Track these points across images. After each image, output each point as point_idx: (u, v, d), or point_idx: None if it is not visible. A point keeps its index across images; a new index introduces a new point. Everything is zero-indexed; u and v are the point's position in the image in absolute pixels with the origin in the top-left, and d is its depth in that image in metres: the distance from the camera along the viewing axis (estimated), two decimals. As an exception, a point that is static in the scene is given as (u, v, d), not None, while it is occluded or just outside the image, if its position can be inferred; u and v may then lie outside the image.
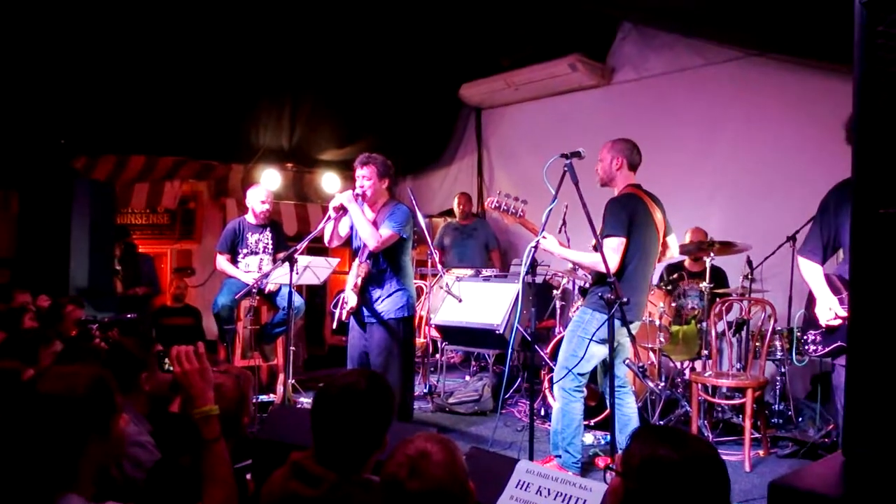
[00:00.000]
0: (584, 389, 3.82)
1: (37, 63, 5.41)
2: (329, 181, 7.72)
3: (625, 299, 2.90)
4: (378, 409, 1.84)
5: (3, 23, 5.04)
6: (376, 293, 4.21)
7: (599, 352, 3.64)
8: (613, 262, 3.52)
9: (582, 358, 3.52)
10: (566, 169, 3.10)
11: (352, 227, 4.25)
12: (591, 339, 3.45)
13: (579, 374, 3.71)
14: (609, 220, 3.60)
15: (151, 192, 7.47)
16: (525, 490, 2.28)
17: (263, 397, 5.40)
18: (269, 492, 1.85)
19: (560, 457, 3.71)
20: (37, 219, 6.05)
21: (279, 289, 5.30)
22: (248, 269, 5.38)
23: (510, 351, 3.52)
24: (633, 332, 3.85)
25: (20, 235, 6.27)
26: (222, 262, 5.41)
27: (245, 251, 5.42)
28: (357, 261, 4.31)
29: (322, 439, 1.82)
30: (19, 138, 5.93)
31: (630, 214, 3.60)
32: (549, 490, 2.24)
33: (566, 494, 2.20)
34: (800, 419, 4.91)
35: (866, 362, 1.59)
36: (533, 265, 3.28)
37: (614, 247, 3.54)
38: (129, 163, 6.94)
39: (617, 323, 3.60)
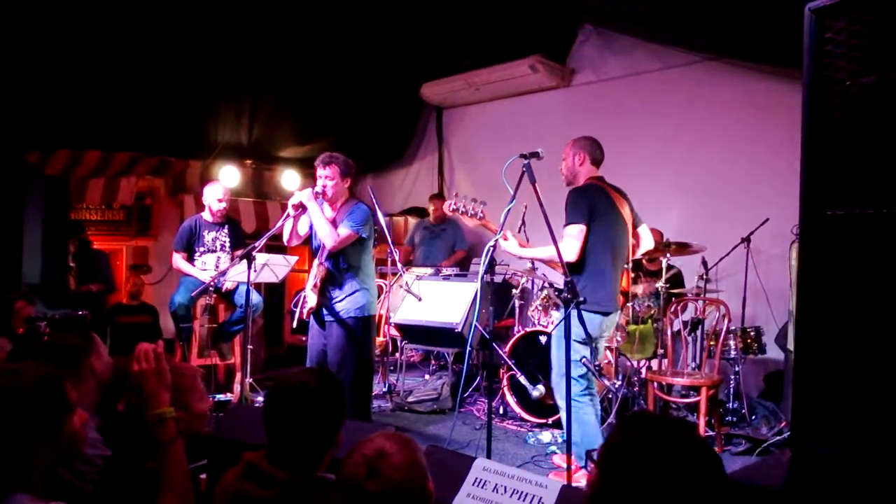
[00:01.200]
0: (594, 391, 3.77)
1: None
2: (289, 178, 7.64)
3: (581, 298, 2.92)
4: (329, 407, 1.84)
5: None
6: (336, 293, 4.18)
7: (583, 351, 3.61)
8: (574, 250, 3.53)
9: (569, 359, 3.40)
10: (524, 169, 3.11)
11: (311, 227, 4.22)
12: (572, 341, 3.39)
13: (580, 378, 3.66)
14: (569, 209, 3.61)
15: (107, 188, 7.29)
16: (482, 487, 2.29)
17: (220, 396, 5.34)
18: (221, 491, 1.83)
19: (585, 466, 3.67)
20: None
21: (237, 287, 5.23)
22: (205, 267, 5.30)
23: (468, 350, 3.51)
24: (612, 326, 3.86)
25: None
26: (178, 260, 5.33)
27: (202, 249, 5.35)
28: (317, 260, 4.27)
29: (274, 439, 1.80)
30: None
31: (590, 203, 3.61)
32: (505, 487, 2.25)
33: (522, 492, 2.22)
34: (753, 417, 5.04)
35: (813, 359, 1.63)
36: (491, 264, 3.29)
37: (574, 234, 3.55)
38: (84, 158, 6.77)
39: (600, 319, 3.63)
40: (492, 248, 3.31)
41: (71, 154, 6.64)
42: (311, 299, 4.17)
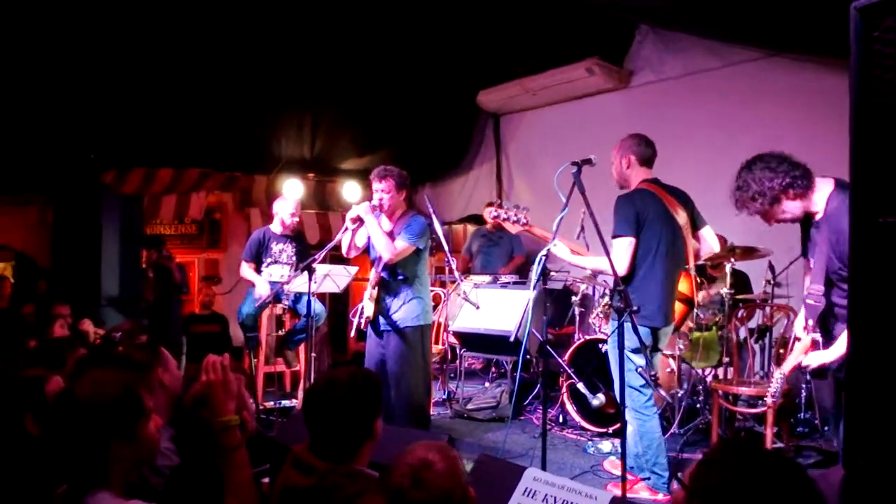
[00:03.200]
0: (656, 404, 3.69)
1: (66, 79, 5.58)
2: (350, 190, 7.80)
3: (635, 307, 2.87)
4: (362, 400, 1.93)
5: (33, 40, 5.20)
6: (392, 302, 4.25)
7: (639, 361, 3.52)
8: (623, 264, 3.45)
9: (623, 370, 3.24)
10: (573, 177, 3.08)
11: (369, 238, 4.29)
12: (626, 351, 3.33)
13: (643, 389, 3.59)
14: (616, 219, 3.53)
15: (179, 204, 7.63)
16: (531, 497, 2.28)
17: (286, 402, 5.49)
18: (277, 483, 1.97)
19: (649, 479, 3.62)
20: (69, 231, 6.24)
21: (300, 297, 5.36)
22: (272, 277, 5.46)
23: (521, 358, 3.50)
24: (665, 337, 3.78)
25: (54, 247, 6.47)
26: (246, 269, 5.50)
27: (269, 260, 5.50)
28: (374, 270, 4.34)
29: (313, 431, 1.92)
30: (52, 153, 6.11)
31: (638, 212, 3.50)
32: (555, 498, 2.24)
33: (572, 502, 2.21)
34: (826, 428, 4.82)
35: (866, 373, 1.57)
36: (544, 273, 3.27)
37: (623, 248, 3.47)
38: (157, 175, 7.09)
39: (649, 331, 3.53)
40: (544, 257, 3.29)
41: (145, 172, 6.97)
42: (368, 309, 4.25)
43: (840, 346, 2.70)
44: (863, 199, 1.58)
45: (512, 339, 3.28)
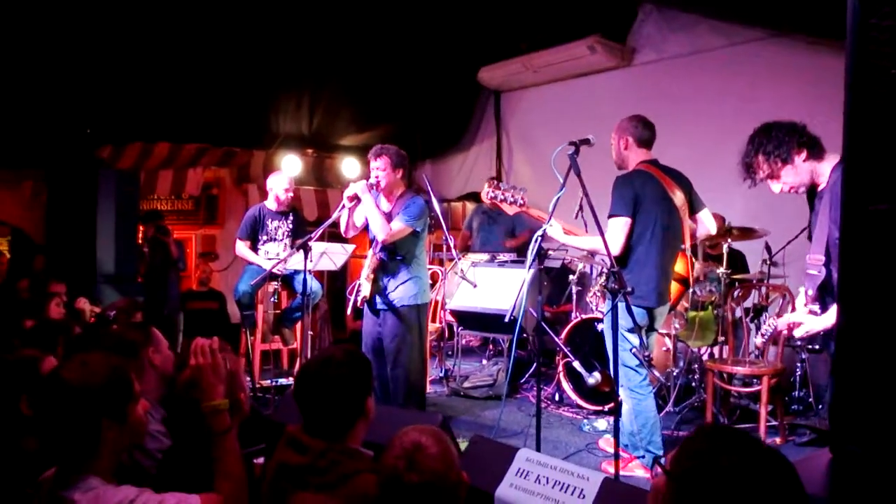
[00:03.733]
0: (651, 383, 3.72)
1: (63, 54, 5.52)
2: (349, 166, 7.76)
3: (628, 289, 2.88)
4: (353, 378, 1.94)
5: (28, 14, 5.14)
6: (389, 281, 4.25)
7: (634, 341, 3.54)
8: (618, 244, 3.47)
9: (616, 351, 3.29)
10: (569, 158, 3.06)
11: (367, 218, 4.28)
12: (620, 332, 3.34)
13: (639, 368, 3.61)
14: (613, 199, 3.54)
15: (176, 179, 7.61)
16: (524, 478, 2.31)
17: (283, 380, 5.52)
18: (271, 462, 1.98)
19: (643, 457, 3.65)
20: (64, 207, 6.22)
21: (296, 274, 5.36)
22: (269, 255, 5.45)
23: (515, 337, 3.51)
24: (661, 317, 3.80)
25: (48, 223, 6.45)
26: (241, 247, 5.48)
27: (265, 237, 5.49)
28: (372, 250, 4.34)
29: (306, 410, 1.93)
30: (47, 128, 6.07)
31: (636, 193, 3.52)
32: (547, 478, 2.27)
33: (565, 483, 2.23)
34: (820, 406, 4.86)
35: (854, 358, 1.57)
36: (540, 254, 3.27)
37: (619, 228, 3.49)
38: (154, 150, 7.06)
39: (644, 311, 3.56)
40: (540, 238, 3.28)
41: (142, 147, 6.93)
42: (365, 288, 4.26)
43: (832, 316, 2.72)
44: (855, 186, 1.57)
45: (507, 319, 3.27)
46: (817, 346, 4.68)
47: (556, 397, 5.18)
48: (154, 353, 2.42)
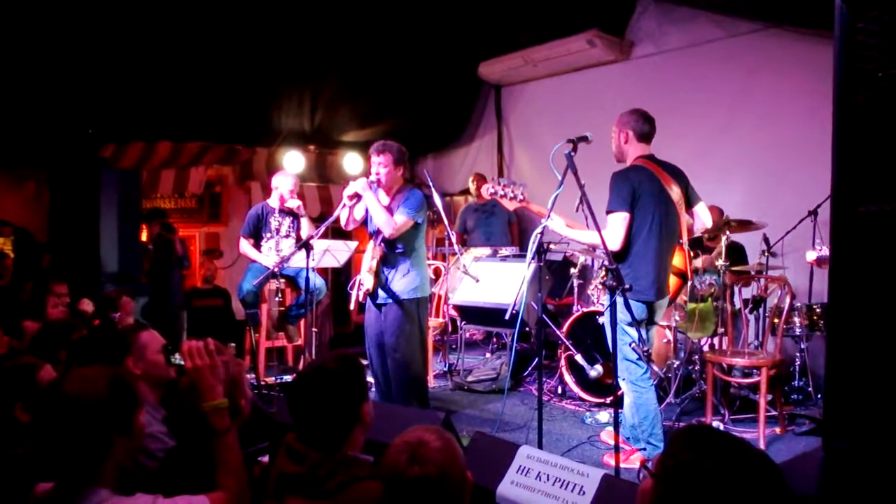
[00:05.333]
0: (652, 376, 3.75)
1: (64, 53, 5.55)
2: (351, 162, 7.79)
3: (626, 286, 2.91)
4: (346, 385, 1.90)
5: (31, 12, 5.16)
6: (391, 274, 4.30)
7: (634, 334, 3.57)
8: (618, 239, 3.51)
9: (616, 345, 3.26)
10: (566, 156, 3.09)
11: (367, 211, 4.32)
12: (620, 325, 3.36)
13: (639, 362, 3.64)
14: (611, 194, 3.57)
15: (178, 178, 7.64)
16: (525, 475, 2.35)
17: (287, 377, 5.57)
18: (272, 471, 1.98)
19: (644, 449, 3.70)
20: (67, 207, 6.25)
21: (300, 270, 5.40)
22: (271, 253, 5.49)
23: (516, 332, 3.55)
24: (660, 311, 3.83)
25: (51, 223, 6.49)
26: (245, 246, 5.52)
27: (268, 235, 5.52)
28: (373, 243, 4.38)
29: (300, 420, 1.90)
30: (49, 127, 6.10)
31: (633, 187, 3.55)
32: (548, 475, 2.31)
33: (565, 480, 2.27)
34: (819, 396, 4.90)
35: (845, 357, 1.61)
36: (540, 249, 3.30)
37: (618, 223, 3.52)
38: (156, 149, 7.10)
39: (643, 306, 3.59)
40: (540, 234, 3.32)
41: (144, 146, 6.97)
42: (368, 281, 4.30)
43: None
44: (844, 188, 1.60)
45: (507, 316, 3.31)
46: None
47: (559, 390, 5.23)
48: (136, 362, 2.42)
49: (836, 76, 1.59)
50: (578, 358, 4.31)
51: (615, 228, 3.52)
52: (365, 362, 4.12)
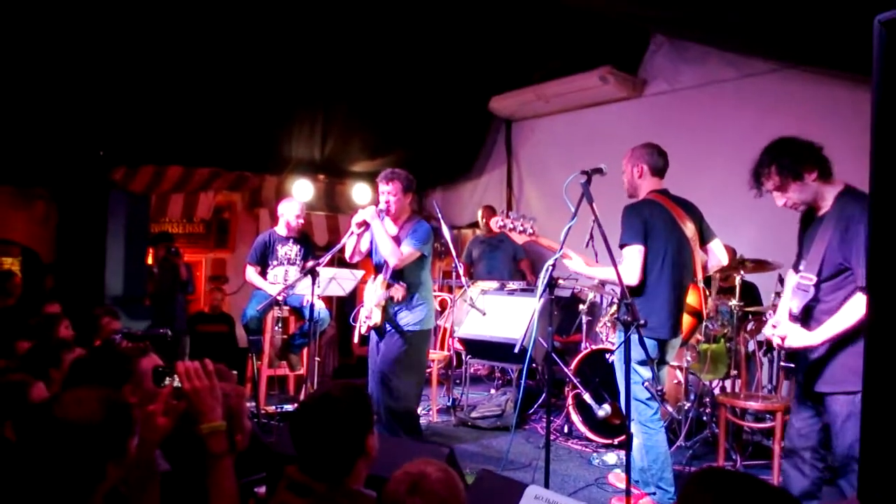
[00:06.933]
0: (662, 417, 3.65)
1: (76, 76, 5.58)
2: (360, 192, 7.77)
3: (641, 321, 2.82)
4: (351, 416, 1.85)
5: (45, 34, 5.20)
6: (400, 307, 4.23)
7: (645, 374, 3.47)
8: (635, 273, 3.43)
9: (629, 383, 3.20)
10: (582, 187, 3.03)
11: (371, 242, 4.28)
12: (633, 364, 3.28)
13: (650, 402, 3.55)
14: (624, 227, 3.51)
15: (187, 203, 7.62)
16: (533, 515, 2.23)
17: (288, 406, 5.46)
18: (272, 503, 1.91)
19: (654, 493, 3.57)
20: (75, 228, 6.23)
21: (303, 299, 5.34)
22: (277, 280, 5.43)
23: (525, 367, 3.45)
24: (673, 350, 3.73)
25: (58, 244, 6.46)
26: (251, 273, 5.48)
27: (275, 262, 5.48)
28: (381, 277, 4.30)
29: (303, 450, 1.84)
30: (60, 149, 6.11)
31: (645, 221, 3.48)
32: (557, 516, 2.19)
33: (574, 522, 2.16)
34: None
35: (885, 401, 1.51)
36: (551, 283, 3.22)
37: (634, 256, 3.44)
38: (166, 173, 7.08)
39: (655, 343, 3.49)
40: (551, 267, 3.24)
41: (154, 170, 6.96)
42: (376, 315, 4.22)
43: (822, 333, 2.71)
44: (883, 214, 1.52)
45: (517, 349, 3.22)
46: (791, 365, 4.60)
47: (565, 429, 5.09)
48: (134, 390, 2.33)
49: (875, 100, 1.53)
50: (586, 397, 4.18)
51: (632, 262, 3.44)
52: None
